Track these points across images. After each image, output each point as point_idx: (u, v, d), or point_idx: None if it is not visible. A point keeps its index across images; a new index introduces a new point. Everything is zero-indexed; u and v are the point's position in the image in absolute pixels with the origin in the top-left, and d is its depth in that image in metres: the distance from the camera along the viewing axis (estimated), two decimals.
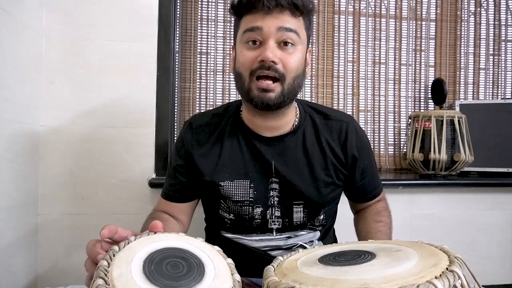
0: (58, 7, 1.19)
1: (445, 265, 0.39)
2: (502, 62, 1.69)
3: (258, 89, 0.71)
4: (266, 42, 0.70)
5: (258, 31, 0.69)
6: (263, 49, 0.69)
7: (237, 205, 0.79)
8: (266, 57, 0.68)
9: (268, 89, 0.70)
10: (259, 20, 0.69)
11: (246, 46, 0.72)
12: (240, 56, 0.73)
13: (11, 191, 1.02)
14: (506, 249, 1.43)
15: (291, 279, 0.42)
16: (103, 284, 0.38)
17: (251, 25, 0.70)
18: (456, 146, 1.38)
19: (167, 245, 0.46)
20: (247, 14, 0.72)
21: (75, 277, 1.16)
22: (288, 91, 0.72)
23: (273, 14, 0.69)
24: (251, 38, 0.71)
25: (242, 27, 0.73)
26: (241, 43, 0.73)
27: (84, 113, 1.21)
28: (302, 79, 0.75)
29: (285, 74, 0.71)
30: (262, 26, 0.69)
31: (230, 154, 0.80)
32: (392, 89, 1.64)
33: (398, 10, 1.63)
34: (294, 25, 0.71)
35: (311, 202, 0.80)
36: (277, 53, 0.70)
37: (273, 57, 0.68)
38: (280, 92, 0.71)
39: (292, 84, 0.72)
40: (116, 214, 1.22)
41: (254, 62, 0.70)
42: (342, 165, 0.83)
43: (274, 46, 0.70)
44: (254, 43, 0.71)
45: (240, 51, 0.73)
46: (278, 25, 0.69)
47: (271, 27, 0.69)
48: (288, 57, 0.71)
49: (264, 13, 0.69)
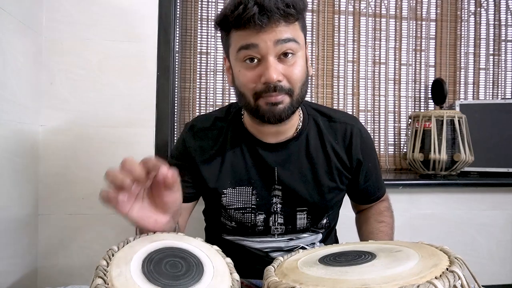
0: (58, 7, 1.19)
1: (445, 266, 0.39)
2: (502, 62, 1.69)
3: (267, 104, 0.67)
4: (266, 59, 0.65)
5: (254, 48, 0.65)
6: (264, 68, 0.65)
7: (239, 212, 0.78)
8: (270, 80, 0.64)
9: (276, 102, 0.67)
10: (253, 37, 0.64)
11: (244, 65, 0.67)
12: (240, 76, 0.69)
13: (11, 191, 1.01)
14: (506, 249, 1.43)
15: (292, 279, 0.42)
16: (102, 284, 0.38)
17: (245, 43, 0.65)
18: (456, 146, 1.38)
19: (166, 244, 0.46)
20: (237, 30, 0.67)
21: (75, 277, 1.16)
22: (297, 101, 0.70)
23: (267, 29, 0.63)
24: (248, 56, 0.66)
25: (234, 43, 0.68)
26: (237, 61, 0.68)
27: (84, 113, 1.21)
28: (307, 83, 0.73)
29: (291, 88, 0.68)
30: (258, 42, 0.64)
31: (232, 160, 0.78)
32: (392, 89, 1.63)
33: (398, 10, 1.63)
34: (291, 33, 0.66)
35: (314, 208, 0.79)
36: (279, 68, 0.66)
37: (277, 77, 0.64)
38: (289, 103, 0.68)
39: (300, 93, 0.70)
40: (116, 214, 1.21)
41: (257, 82, 0.66)
42: (346, 169, 0.81)
43: (275, 62, 0.65)
44: (251, 60, 0.66)
45: (239, 70, 0.69)
46: (275, 38, 0.64)
47: (268, 42, 0.64)
48: (291, 69, 0.67)
49: (257, 30, 0.63)
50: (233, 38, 0.68)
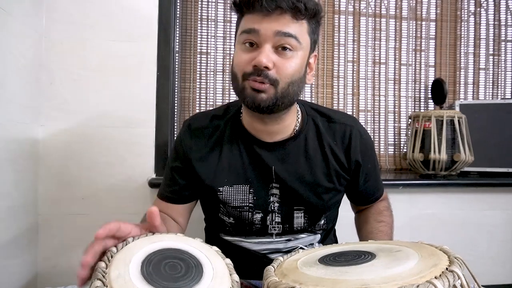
0: (58, 7, 1.19)
1: (445, 265, 0.39)
2: (502, 62, 1.69)
3: (252, 89, 0.68)
4: (262, 45, 0.66)
5: (255, 34, 0.66)
6: (257, 53, 0.66)
7: (236, 210, 0.78)
8: (259, 63, 0.65)
9: (259, 89, 0.67)
10: (257, 22, 0.66)
11: (242, 47, 0.69)
12: (236, 57, 0.71)
13: (11, 191, 1.02)
14: (506, 249, 1.43)
15: (291, 279, 0.42)
16: (101, 286, 0.38)
17: (248, 27, 0.67)
18: (456, 146, 1.38)
19: (165, 246, 0.46)
20: (247, 13, 0.69)
21: (75, 277, 1.16)
22: (282, 95, 0.68)
23: (272, 16, 0.65)
24: (247, 40, 0.68)
25: (241, 27, 0.70)
26: (238, 43, 0.71)
27: (84, 113, 1.21)
28: (300, 86, 0.71)
29: (278, 79, 0.67)
30: (259, 28, 0.66)
31: (229, 158, 0.78)
32: (392, 89, 1.63)
33: (398, 10, 1.63)
34: (295, 30, 0.67)
35: (312, 208, 0.79)
36: (273, 58, 0.66)
37: (266, 62, 0.65)
38: (273, 94, 0.68)
39: (287, 90, 0.69)
40: (116, 214, 1.22)
41: (248, 65, 0.68)
42: (345, 171, 0.81)
43: (270, 50, 0.66)
44: (251, 45, 0.68)
45: (237, 52, 0.71)
46: (276, 29, 0.65)
47: (268, 30, 0.65)
48: (284, 62, 0.67)
49: (263, 14, 0.65)
50: (242, 22, 0.70)
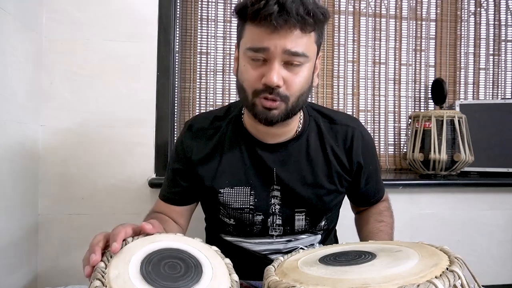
0: (58, 7, 1.19)
1: (445, 265, 0.39)
2: (502, 62, 1.69)
3: (263, 107, 0.68)
4: (271, 62, 0.65)
5: (264, 51, 0.65)
6: (267, 70, 0.65)
7: (237, 212, 0.78)
8: (270, 82, 0.64)
9: (271, 107, 0.67)
10: (266, 40, 0.64)
11: (250, 62, 0.68)
12: (244, 72, 0.69)
13: (11, 191, 1.01)
14: (506, 249, 1.43)
15: (292, 279, 0.42)
16: (100, 286, 0.38)
17: (256, 46, 0.65)
18: (456, 146, 1.38)
19: (164, 245, 0.46)
20: (252, 24, 0.66)
21: (75, 277, 1.16)
22: (292, 108, 0.69)
23: (281, 32, 0.63)
24: (255, 57, 0.67)
25: (246, 38, 0.68)
26: (245, 56, 0.69)
27: (84, 113, 1.21)
28: (308, 93, 0.72)
29: (288, 96, 0.67)
30: (268, 46, 0.64)
31: (230, 160, 0.78)
32: (392, 89, 1.63)
33: (398, 10, 1.63)
34: (302, 46, 0.65)
35: (313, 209, 0.79)
36: (282, 74, 0.65)
37: (277, 81, 0.64)
38: (284, 109, 0.68)
39: (297, 102, 0.69)
40: (116, 214, 1.22)
41: (258, 82, 0.66)
42: (346, 172, 0.81)
43: (280, 67, 0.65)
44: (258, 60, 0.67)
45: (244, 65, 0.69)
46: (285, 47, 0.63)
47: (278, 47, 0.63)
48: (293, 78, 0.67)
49: (271, 31, 0.63)
50: (246, 31, 0.68)
